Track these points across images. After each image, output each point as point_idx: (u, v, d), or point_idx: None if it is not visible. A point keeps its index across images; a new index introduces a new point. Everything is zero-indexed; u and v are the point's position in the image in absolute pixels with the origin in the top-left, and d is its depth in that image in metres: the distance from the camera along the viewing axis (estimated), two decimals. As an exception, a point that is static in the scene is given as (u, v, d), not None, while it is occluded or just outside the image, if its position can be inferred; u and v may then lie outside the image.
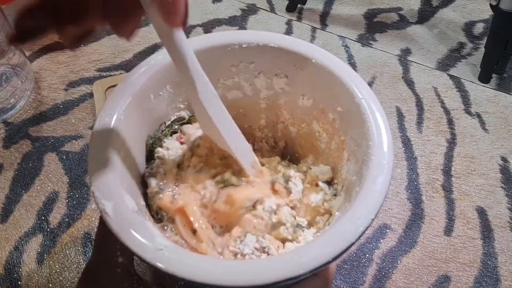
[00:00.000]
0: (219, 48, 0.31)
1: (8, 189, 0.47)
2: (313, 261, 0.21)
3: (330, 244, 0.22)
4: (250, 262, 0.23)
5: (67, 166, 0.48)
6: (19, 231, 0.43)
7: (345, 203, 0.27)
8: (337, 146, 0.31)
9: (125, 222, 0.22)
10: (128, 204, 0.24)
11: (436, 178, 0.48)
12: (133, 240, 0.22)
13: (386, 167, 0.25)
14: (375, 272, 0.41)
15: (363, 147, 0.26)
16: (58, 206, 0.45)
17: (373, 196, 0.23)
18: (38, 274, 0.40)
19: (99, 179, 0.24)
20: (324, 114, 0.32)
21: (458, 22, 0.69)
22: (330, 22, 0.68)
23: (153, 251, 0.21)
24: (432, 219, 0.45)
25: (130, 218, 0.23)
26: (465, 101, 0.57)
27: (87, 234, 0.43)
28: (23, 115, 0.53)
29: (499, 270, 0.42)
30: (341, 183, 0.30)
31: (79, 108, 0.54)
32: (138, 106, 0.29)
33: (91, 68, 0.59)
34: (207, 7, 0.70)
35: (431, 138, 0.52)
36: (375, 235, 0.44)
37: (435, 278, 0.41)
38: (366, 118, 0.27)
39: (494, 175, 0.49)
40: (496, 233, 0.44)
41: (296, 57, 0.31)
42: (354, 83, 0.29)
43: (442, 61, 0.62)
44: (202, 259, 0.22)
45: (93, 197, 0.23)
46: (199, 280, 0.21)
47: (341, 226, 0.23)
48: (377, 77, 0.59)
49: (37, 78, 0.57)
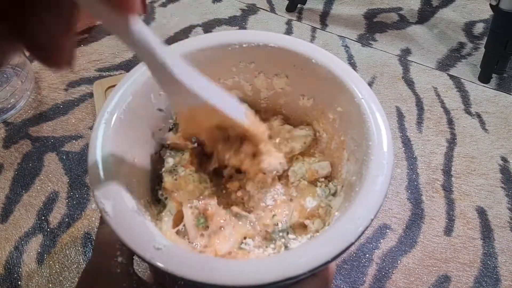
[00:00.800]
0: (220, 48, 0.31)
1: (8, 189, 0.47)
2: (312, 261, 0.21)
3: (329, 244, 0.22)
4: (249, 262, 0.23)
5: (67, 166, 0.48)
6: (19, 231, 0.43)
7: (344, 203, 0.27)
8: (337, 146, 0.31)
9: (124, 221, 0.22)
10: (128, 203, 0.24)
11: (436, 178, 0.48)
12: (133, 239, 0.22)
13: (386, 167, 0.25)
14: (375, 272, 0.41)
15: (363, 147, 0.26)
16: (58, 206, 0.45)
17: (373, 196, 0.23)
18: (38, 274, 0.40)
19: (98, 178, 0.24)
20: (324, 114, 0.32)
21: (458, 22, 0.69)
22: (330, 22, 0.68)
23: (153, 250, 0.21)
24: (432, 219, 0.45)
25: (129, 217, 0.23)
26: (465, 101, 0.57)
27: (87, 234, 0.43)
28: (23, 115, 0.53)
29: (499, 270, 0.42)
30: (341, 183, 0.30)
31: (79, 108, 0.54)
32: (138, 105, 0.29)
33: (91, 68, 0.59)
34: (207, 7, 0.70)
35: (431, 138, 0.52)
36: (375, 235, 0.44)
37: (435, 278, 0.41)
38: (366, 118, 0.27)
39: (494, 175, 0.49)
40: (496, 233, 0.44)
41: (296, 57, 0.31)
42: (354, 83, 0.29)
43: (442, 61, 0.62)
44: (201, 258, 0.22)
45: (93, 196, 0.23)
46: (198, 279, 0.21)
47: (341, 226, 0.23)
48: (377, 77, 0.59)
49: (37, 78, 0.57)
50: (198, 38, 0.32)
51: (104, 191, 0.23)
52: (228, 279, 0.21)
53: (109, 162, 0.25)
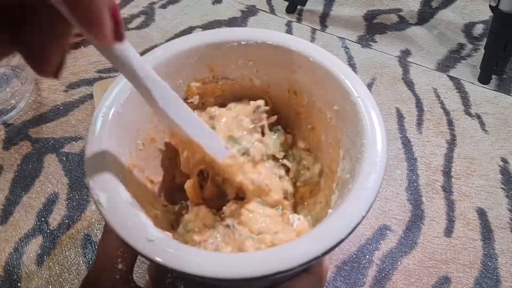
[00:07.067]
0: (218, 45, 0.32)
1: (8, 190, 0.47)
2: (303, 256, 0.21)
3: (320, 239, 0.22)
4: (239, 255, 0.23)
5: (67, 167, 0.48)
6: (18, 232, 0.43)
7: (338, 200, 0.27)
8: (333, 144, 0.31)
9: (118, 212, 0.23)
10: (122, 195, 0.24)
11: (436, 179, 0.48)
12: (125, 230, 0.22)
13: (379, 165, 0.25)
14: (375, 273, 0.41)
15: (357, 145, 0.27)
16: (58, 207, 0.45)
17: (365, 193, 0.24)
18: (37, 276, 0.40)
19: (94, 171, 0.24)
20: (321, 112, 0.32)
21: (457, 23, 0.69)
22: (330, 24, 0.68)
23: (145, 241, 0.22)
24: (432, 220, 0.45)
25: (123, 209, 0.23)
26: (465, 102, 0.57)
27: (87, 235, 0.43)
28: (23, 116, 0.53)
29: (499, 271, 0.42)
30: (336, 181, 0.30)
31: (79, 109, 0.54)
32: (136, 100, 0.29)
33: (91, 69, 0.59)
34: (206, 9, 0.70)
35: (431, 139, 0.52)
36: (375, 236, 0.44)
37: (435, 279, 0.41)
38: (361, 116, 0.27)
39: (494, 176, 0.49)
40: (496, 234, 0.44)
41: (294, 55, 0.31)
42: (351, 81, 0.29)
43: (442, 62, 0.62)
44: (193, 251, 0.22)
45: (88, 188, 0.23)
46: (189, 272, 0.21)
47: (332, 222, 0.23)
48: (377, 78, 0.59)
49: (37, 79, 0.57)
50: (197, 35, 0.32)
51: (100, 183, 0.24)
52: (218, 272, 0.21)
53: (106, 154, 0.25)
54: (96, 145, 0.25)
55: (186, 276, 0.21)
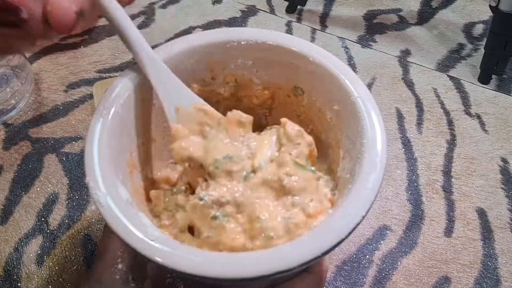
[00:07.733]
0: (218, 45, 0.32)
1: (8, 190, 0.47)
2: (303, 256, 0.21)
3: (320, 239, 0.22)
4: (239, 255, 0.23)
5: (67, 167, 0.48)
6: (18, 232, 0.43)
7: (338, 200, 0.27)
8: (333, 144, 0.31)
9: (118, 212, 0.23)
10: (122, 195, 0.24)
11: (436, 179, 0.48)
12: (125, 230, 0.22)
13: (379, 165, 0.25)
14: (375, 273, 0.41)
15: (357, 145, 0.27)
16: (58, 207, 0.45)
17: (365, 193, 0.24)
18: (37, 276, 0.40)
19: (94, 171, 0.24)
20: (321, 112, 0.32)
21: (457, 23, 0.69)
22: (330, 24, 0.68)
23: (144, 241, 0.22)
24: (432, 220, 0.45)
25: (123, 208, 0.23)
26: (465, 102, 0.57)
27: (87, 235, 0.43)
28: (23, 116, 0.53)
29: (500, 271, 0.42)
30: (336, 181, 0.30)
31: (79, 109, 0.54)
32: (136, 100, 0.29)
33: (91, 69, 0.59)
34: (206, 9, 0.70)
35: (431, 139, 0.52)
36: (375, 237, 0.44)
37: (435, 279, 0.41)
38: (361, 116, 0.27)
39: (494, 176, 0.49)
40: (496, 234, 0.44)
41: (293, 55, 0.31)
42: (351, 81, 0.29)
43: (441, 62, 0.62)
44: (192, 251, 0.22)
45: (88, 188, 0.23)
46: (189, 272, 0.21)
47: (332, 222, 0.23)
48: (377, 78, 0.59)
49: (37, 79, 0.57)
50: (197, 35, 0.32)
51: (99, 183, 0.24)
52: (218, 272, 0.21)
53: (106, 155, 0.25)
54: (96, 145, 0.25)
55: (186, 276, 0.21)
